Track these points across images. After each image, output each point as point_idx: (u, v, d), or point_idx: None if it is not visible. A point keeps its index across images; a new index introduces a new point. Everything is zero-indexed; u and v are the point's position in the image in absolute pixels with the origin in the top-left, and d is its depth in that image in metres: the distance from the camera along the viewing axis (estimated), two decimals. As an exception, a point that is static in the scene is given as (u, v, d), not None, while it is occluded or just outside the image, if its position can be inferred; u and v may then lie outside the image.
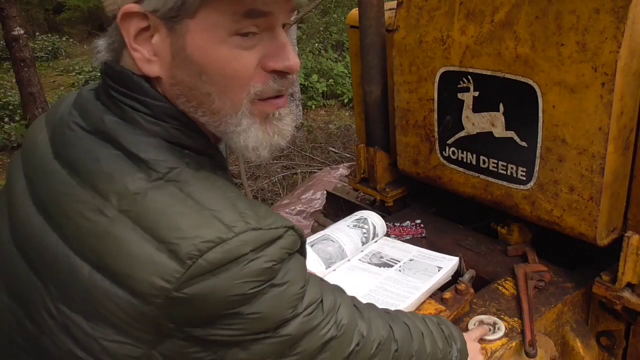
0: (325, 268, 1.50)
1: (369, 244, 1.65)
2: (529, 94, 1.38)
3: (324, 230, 1.66)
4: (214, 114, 0.76)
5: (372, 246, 1.65)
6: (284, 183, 4.49)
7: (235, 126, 0.76)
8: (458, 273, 1.53)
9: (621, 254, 1.32)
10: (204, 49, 0.72)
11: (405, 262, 1.53)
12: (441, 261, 1.51)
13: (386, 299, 1.34)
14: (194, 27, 0.71)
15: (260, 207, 0.72)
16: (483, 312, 1.38)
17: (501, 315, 1.37)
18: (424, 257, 1.55)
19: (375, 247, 1.64)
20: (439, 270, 1.46)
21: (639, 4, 1.18)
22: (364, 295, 1.38)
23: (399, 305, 1.31)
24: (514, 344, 1.29)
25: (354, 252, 1.59)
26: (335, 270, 1.52)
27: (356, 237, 1.62)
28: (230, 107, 0.75)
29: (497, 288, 1.49)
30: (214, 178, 0.75)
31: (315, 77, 7.18)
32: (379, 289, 1.40)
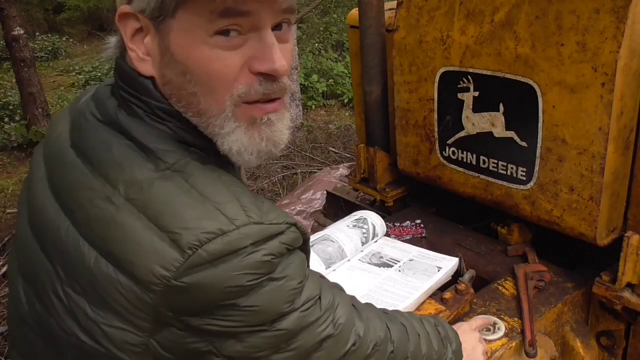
0: (325, 268, 1.50)
1: (368, 244, 1.64)
2: (529, 94, 1.38)
3: (323, 231, 1.66)
4: (201, 115, 0.76)
5: (372, 246, 1.65)
6: (284, 183, 4.48)
7: (220, 128, 0.76)
8: (458, 273, 1.53)
9: (621, 254, 1.32)
10: (186, 48, 0.72)
11: (405, 262, 1.53)
12: (441, 261, 1.51)
13: (386, 299, 1.34)
14: (176, 27, 0.71)
15: (264, 203, 0.73)
16: (483, 312, 1.38)
17: (501, 315, 1.37)
18: (423, 258, 1.55)
19: (375, 247, 1.64)
20: (439, 270, 1.46)
21: (639, 4, 1.18)
22: (364, 295, 1.38)
23: (398, 306, 1.31)
24: (514, 344, 1.29)
25: (353, 252, 1.59)
26: (335, 270, 1.52)
27: (356, 237, 1.62)
28: (216, 109, 0.75)
29: (497, 288, 1.49)
30: (219, 172, 0.76)
31: (315, 77, 7.17)
32: (379, 289, 1.40)
